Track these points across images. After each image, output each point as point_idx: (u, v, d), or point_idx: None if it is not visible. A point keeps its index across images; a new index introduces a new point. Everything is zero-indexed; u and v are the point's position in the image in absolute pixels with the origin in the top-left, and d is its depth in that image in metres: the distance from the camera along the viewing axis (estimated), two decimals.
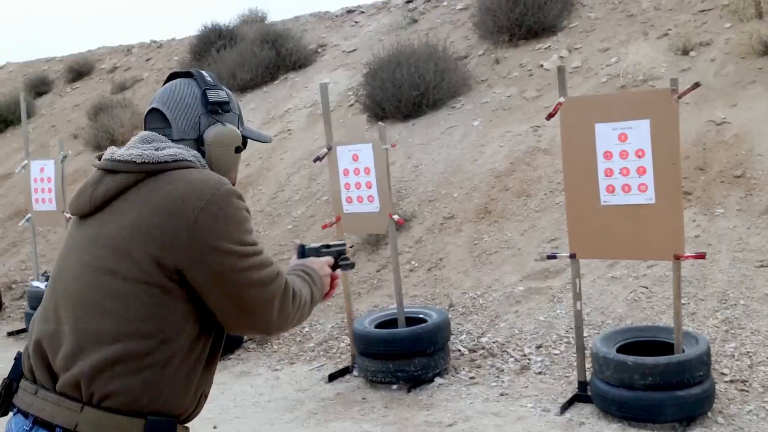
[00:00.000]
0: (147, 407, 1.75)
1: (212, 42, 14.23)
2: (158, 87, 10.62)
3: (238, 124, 2.07)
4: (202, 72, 2.03)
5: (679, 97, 4.41)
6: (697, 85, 4.38)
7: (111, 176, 1.85)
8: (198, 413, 1.94)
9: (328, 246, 2.32)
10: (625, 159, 4.66)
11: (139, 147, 1.86)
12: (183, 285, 1.78)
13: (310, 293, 2.07)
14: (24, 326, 8.23)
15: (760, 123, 7.23)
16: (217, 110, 1.99)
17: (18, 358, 1.93)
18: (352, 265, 2.40)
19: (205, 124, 1.97)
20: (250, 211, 1.90)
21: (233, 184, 2.03)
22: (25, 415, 1.81)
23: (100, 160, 1.93)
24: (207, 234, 1.76)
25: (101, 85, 16.28)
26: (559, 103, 4.82)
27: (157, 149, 1.85)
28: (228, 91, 2.07)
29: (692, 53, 8.55)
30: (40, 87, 17.16)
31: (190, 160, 1.87)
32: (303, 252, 2.26)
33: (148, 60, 16.67)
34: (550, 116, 4.89)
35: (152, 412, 1.76)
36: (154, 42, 17.66)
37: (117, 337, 1.74)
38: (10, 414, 1.89)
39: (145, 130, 1.98)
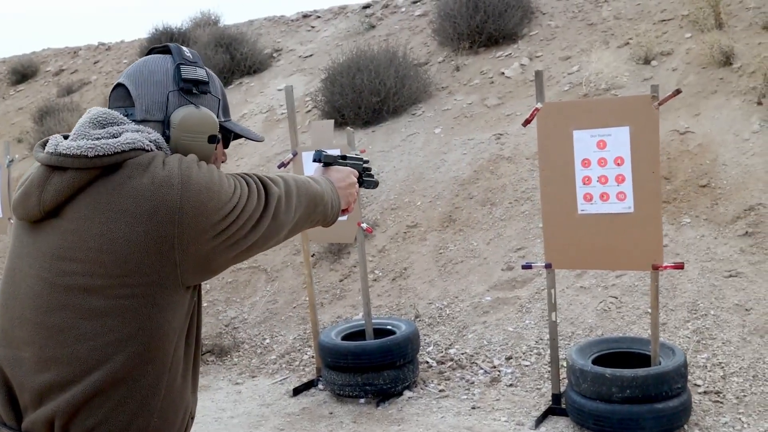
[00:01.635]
0: None
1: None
2: (107, 90, 10.30)
3: (219, 112, 1.78)
4: (182, 47, 1.73)
5: (660, 104, 4.33)
6: (678, 91, 4.31)
7: (59, 175, 1.55)
8: None
9: (344, 157, 2.11)
10: (603, 167, 4.56)
11: (89, 134, 1.58)
12: (182, 282, 1.56)
13: (321, 193, 1.89)
14: None
15: (723, 133, 7.24)
16: (191, 89, 1.69)
17: None
18: (376, 184, 2.18)
19: (174, 104, 1.67)
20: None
21: None
22: None
23: (43, 149, 1.62)
24: (198, 218, 1.54)
25: (46, 88, 15.81)
26: (536, 109, 4.71)
27: (112, 135, 1.57)
28: (211, 72, 1.78)
29: (654, 62, 8.56)
30: None
31: (148, 147, 1.59)
32: (320, 157, 2.05)
33: (96, 63, 16.25)
34: (526, 122, 4.78)
35: None
36: (102, 44, 17.23)
37: (97, 364, 1.50)
38: None
39: (109, 108, 1.70)
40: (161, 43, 1.78)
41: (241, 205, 1.61)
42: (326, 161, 2.05)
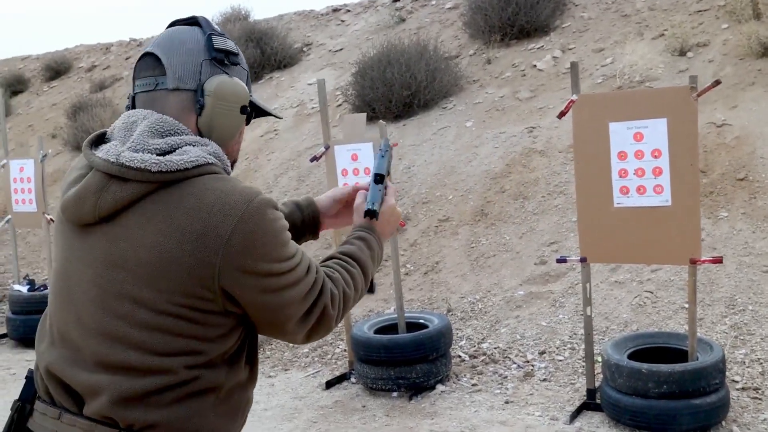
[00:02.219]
0: None
1: None
2: None
3: (247, 84, 1.75)
4: (209, 20, 1.70)
5: (699, 96, 4.26)
6: (717, 82, 4.23)
7: (119, 184, 1.53)
8: (244, 424, 1.71)
9: (383, 154, 2.04)
10: (640, 159, 4.50)
11: (149, 145, 1.55)
12: (220, 304, 1.55)
13: (360, 279, 1.81)
14: (4, 331, 7.93)
15: (762, 125, 7.12)
16: (223, 60, 1.66)
17: (30, 378, 1.68)
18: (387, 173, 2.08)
19: (207, 73, 1.64)
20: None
21: (236, 156, 1.80)
22: None
23: (92, 148, 1.61)
24: (242, 256, 1.51)
25: (79, 84, 15.97)
26: (572, 101, 4.65)
27: (171, 147, 1.55)
28: (236, 44, 1.74)
29: (689, 54, 8.44)
30: (15, 86, 16.81)
31: (213, 163, 1.59)
32: (379, 179, 1.94)
33: (127, 58, 16.38)
34: (562, 114, 4.72)
35: None
36: (134, 40, 17.36)
37: (148, 371, 1.51)
38: None
39: (135, 80, 1.67)
40: (185, 18, 1.75)
41: (290, 279, 1.59)
42: (378, 179, 1.95)
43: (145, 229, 1.51)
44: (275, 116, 1.88)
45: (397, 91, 9.44)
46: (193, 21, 1.70)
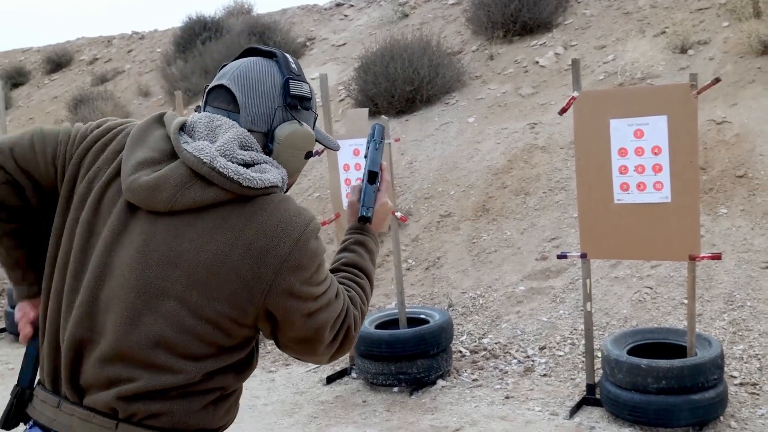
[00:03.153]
0: (194, 425, 1.57)
1: (197, 34, 14.01)
2: (141, 79, 10.32)
3: (313, 126, 1.77)
4: (288, 56, 1.70)
5: (699, 93, 4.28)
6: (717, 80, 4.25)
7: (203, 186, 1.54)
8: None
9: (376, 146, 1.96)
10: (640, 156, 4.53)
11: (236, 154, 1.56)
12: (253, 319, 1.59)
13: (369, 290, 1.84)
14: (2, 326, 7.94)
15: (761, 123, 7.15)
16: (297, 106, 1.67)
17: (30, 363, 1.71)
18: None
19: (279, 119, 1.65)
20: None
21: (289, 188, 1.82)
22: (46, 430, 1.60)
23: (175, 133, 1.60)
24: (293, 276, 1.55)
25: (81, 77, 15.98)
26: (573, 98, 4.68)
27: (253, 161, 1.58)
28: (310, 85, 1.75)
29: (690, 52, 8.46)
30: (16, 78, 16.81)
31: (280, 186, 1.63)
32: (372, 178, 1.88)
33: (129, 51, 16.40)
34: (563, 111, 4.75)
35: (198, 430, 1.58)
36: (136, 33, 17.37)
37: (167, 370, 1.53)
38: (23, 427, 1.68)
39: (205, 105, 1.68)
40: (259, 45, 1.75)
41: (323, 302, 1.62)
42: (371, 178, 1.90)
43: (213, 236, 1.53)
44: (333, 149, 1.90)
45: (399, 87, 9.47)
46: (271, 54, 1.70)
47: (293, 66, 1.70)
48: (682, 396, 4.40)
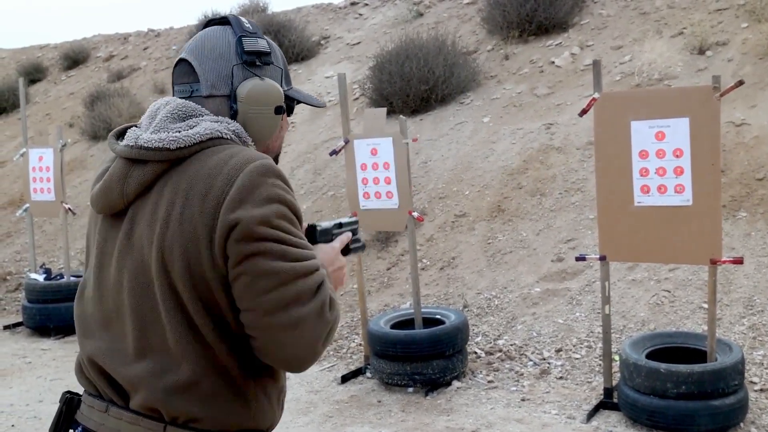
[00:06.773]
0: (237, 426, 1.56)
1: None
2: (156, 76, 10.33)
3: (282, 81, 1.73)
4: (240, 18, 1.69)
5: (722, 95, 4.24)
6: (741, 82, 4.21)
7: (140, 168, 1.56)
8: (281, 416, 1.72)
9: (340, 225, 1.90)
10: (662, 158, 4.48)
11: (169, 128, 1.57)
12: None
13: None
14: (20, 320, 7.98)
15: None
16: (255, 61, 1.66)
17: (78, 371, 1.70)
18: (363, 247, 2.00)
19: (240, 77, 1.64)
20: (293, 195, 1.57)
21: (278, 150, 1.79)
22: None
23: (116, 139, 1.64)
24: (234, 212, 1.46)
25: (97, 74, 15.99)
26: (594, 99, 4.64)
27: (190, 127, 1.56)
28: (271, 41, 1.73)
29: (708, 53, 8.38)
30: (33, 74, 16.83)
31: (229, 138, 1.58)
32: (314, 234, 1.78)
33: (145, 49, 16.41)
34: (583, 112, 4.71)
35: (243, 430, 1.58)
36: (152, 30, 17.39)
37: (184, 357, 1.51)
38: None
39: (173, 85, 1.70)
40: (217, 17, 1.74)
41: (290, 257, 1.49)
42: (320, 239, 1.79)
43: (158, 205, 1.53)
44: (317, 105, 1.88)
45: (414, 86, 9.43)
46: (224, 21, 1.70)
47: (246, 25, 1.69)
48: (702, 401, 4.36)
